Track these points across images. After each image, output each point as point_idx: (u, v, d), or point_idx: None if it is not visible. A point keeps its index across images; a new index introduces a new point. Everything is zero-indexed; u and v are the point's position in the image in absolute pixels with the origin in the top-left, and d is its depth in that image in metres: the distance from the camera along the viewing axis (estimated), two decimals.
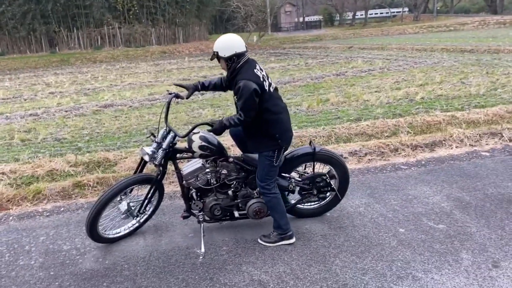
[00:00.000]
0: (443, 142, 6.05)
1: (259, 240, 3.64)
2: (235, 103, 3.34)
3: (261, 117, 3.28)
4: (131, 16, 33.85)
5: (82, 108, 10.40)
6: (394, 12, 68.12)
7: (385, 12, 70.03)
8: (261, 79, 3.24)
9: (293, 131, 6.65)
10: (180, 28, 36.38)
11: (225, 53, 3.23)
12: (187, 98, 3.61)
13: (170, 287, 3.09)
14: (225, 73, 3.48)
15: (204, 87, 3.60)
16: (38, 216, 4.40)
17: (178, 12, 35.67)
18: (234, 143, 4.04)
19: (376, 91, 10.12)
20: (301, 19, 63.50)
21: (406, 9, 65.95)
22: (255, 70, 3.26)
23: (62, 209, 4.55)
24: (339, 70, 14.71)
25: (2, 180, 5.25)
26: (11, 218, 4.38)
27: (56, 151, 6.64)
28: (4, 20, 30.75)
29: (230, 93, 3.55)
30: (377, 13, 71.02)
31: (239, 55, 3.25)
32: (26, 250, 3.69)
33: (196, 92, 3.82)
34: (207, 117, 8.40)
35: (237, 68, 3.27)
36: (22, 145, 7.24)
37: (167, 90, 3.78)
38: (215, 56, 3.30)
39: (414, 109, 7.97)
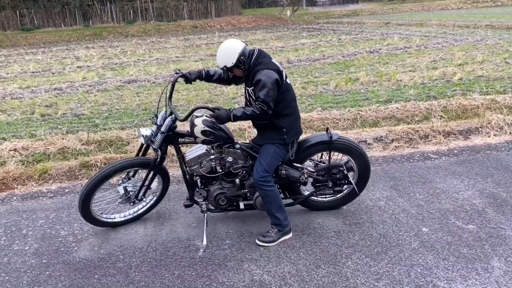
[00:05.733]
0: (480, 129, 5.50)
1: (257, 242, 3.26)
2: (248, 96, 3.16)
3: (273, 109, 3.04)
4: None
5: (106, 83, 10.29)
6: None
7: None
8: (280, 68, 3.11)
9: (317, 112, 6.36)
10: (213, 2, 35.75)
11: (231, 60, 3.05)
12: (190, 82, 3.42)
13: (164, 283, 2.85)
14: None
15: (208, 76, 3.38)
16: (41, 197, 4.25)
17: None
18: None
19: (410, 71, 9.49)
20: None
21: None
22: (272, 60, 3.14)
23: (67, 190, 4.39)
24: (373, 47, 13.97)
25: (13, 157, 5.16)
26: (14, 198, 4.26)
27: (73, 127, 6.54)
28: None
29: None
30: None
31: (243, 53, 3.06)
32: (23, 234, 3.55)
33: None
34: (229, 95, 8.08)
35: (252, 63, 3.08)
36: (42, 120, 7.19)
37: (175, 70, 3.50)
38: (227, 71, 3.17)
39: (450, 91, 7.37)
